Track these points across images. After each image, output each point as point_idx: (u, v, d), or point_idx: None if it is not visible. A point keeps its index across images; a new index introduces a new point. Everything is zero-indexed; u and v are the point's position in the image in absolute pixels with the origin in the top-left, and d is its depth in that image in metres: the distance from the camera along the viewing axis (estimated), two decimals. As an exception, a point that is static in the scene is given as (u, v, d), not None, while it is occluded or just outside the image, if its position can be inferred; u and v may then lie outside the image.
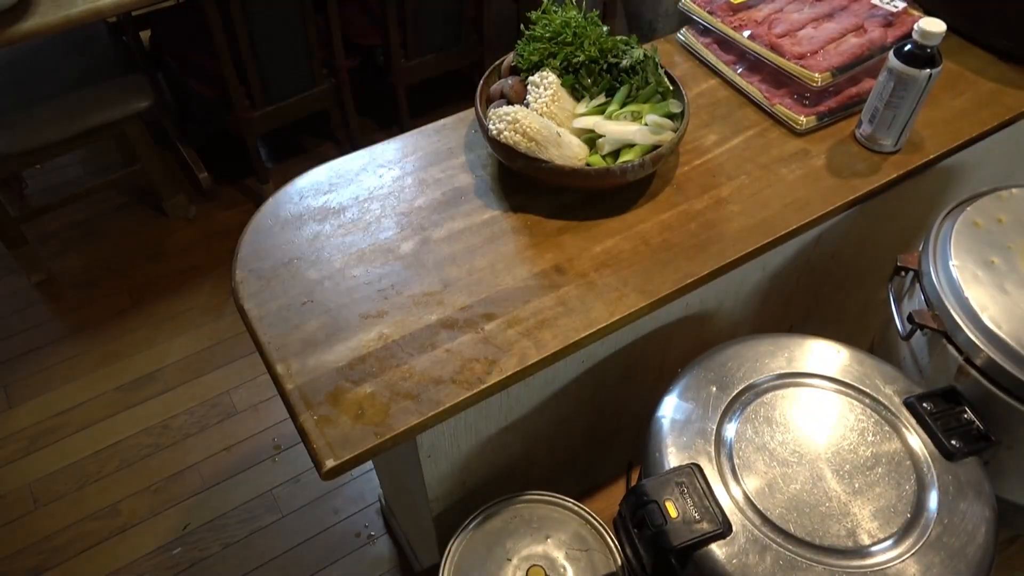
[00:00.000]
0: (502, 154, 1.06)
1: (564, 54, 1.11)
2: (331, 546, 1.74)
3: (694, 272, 1.01)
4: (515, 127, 1.01)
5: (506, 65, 1.18)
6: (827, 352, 0.96)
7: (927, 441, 0.88)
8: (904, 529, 0.80)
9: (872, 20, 1.25)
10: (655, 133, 1.06)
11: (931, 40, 1.05)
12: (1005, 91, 1.28)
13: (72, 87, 2.02)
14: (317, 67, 2.18)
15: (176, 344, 2.08)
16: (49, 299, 2.20)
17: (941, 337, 0.98)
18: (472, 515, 1.08)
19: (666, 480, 0.83)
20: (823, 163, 1.16)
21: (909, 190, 1.24)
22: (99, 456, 1.87)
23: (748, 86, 1.25)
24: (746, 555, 0.78)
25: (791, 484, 0.83)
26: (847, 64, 1.18)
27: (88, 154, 2.60)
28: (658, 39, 1.37)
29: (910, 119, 1.13)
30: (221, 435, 1.91)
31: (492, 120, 1.03)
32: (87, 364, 2.04)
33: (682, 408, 0.91)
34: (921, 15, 1.23)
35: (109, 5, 1.67)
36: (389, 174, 1.13)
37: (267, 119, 2.21)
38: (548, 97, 1.07)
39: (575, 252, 1.03)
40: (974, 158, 1.32)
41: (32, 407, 1.96)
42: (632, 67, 1.12)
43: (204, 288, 2.21)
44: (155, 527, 1.76)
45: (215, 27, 1.91)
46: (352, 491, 1.82)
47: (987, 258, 1.00)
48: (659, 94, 1.12)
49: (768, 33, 1.24)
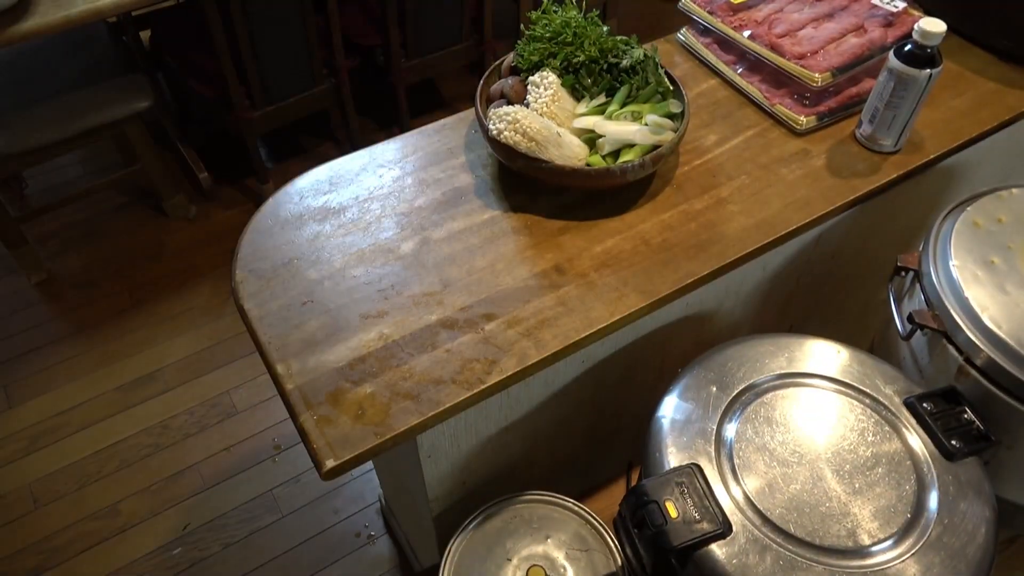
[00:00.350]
0: (502, 154, 1.06)
1: (564, 54, 1.11)
2: (331, 546, 1.74)
3: (694, 272, 1.01)
4: (515, 127, 1.01)
5: (506, 65, 1.18)
6: (827, 352, 0.96)
7: (927, 441, 0.88)
8: (904, 529, 0.80)
9: (872, 20, 1.25)
10: (655, 133, 1.06)
11: (931, 40, 1.05)
12: (1005, 91, 1.28)
13: (72, 87, 2.02)
14: (317, 67, 2.18)
15: (176, 344, 2.08)
16: (49, 299, 2.20)
17: (941, 337, 0.98)
18: (472, 515, 1.08)
19: (666, 480, 0.83)
20: (823, 163, 1.16)
21: (909, 190, 1.24)
22: (99, 456, 1.87)
23: (748, 86, 1.25)
24: (746, 555, 0.78)
25: (791, 484, 0.83)
26: (847, 64, 1.18)
27: (88, 154, 2.60)
28: (658, 39, 1.37)
29: (910, 119, 1.13)
30: (221, 435, 1.91)
31: (492, 120, 1.03)
32: (87, 364, 2.04)
33: (682, 408, 0.91)
34: (921, 15, 1.23)
35: (109, 5, 1.67)
36: (389, 174, 1.13)
37: (267, 119, 2.21)
38: (548, 97, 1.07)
39: (575, 252, 1.03)
40: (974, 158, 1.32)
41: (32, 407, 1.96)
42: (632, 67, 1.12)
43: (204, 288, 2.21)
44: (155, 527, 1.76)
45: (215, 27, 1.91)
46: (352, 491, 1.82)
47: (987, 258, 1.00)
48: (659, 94, 1.12)
49: (768, 33, 1.23)
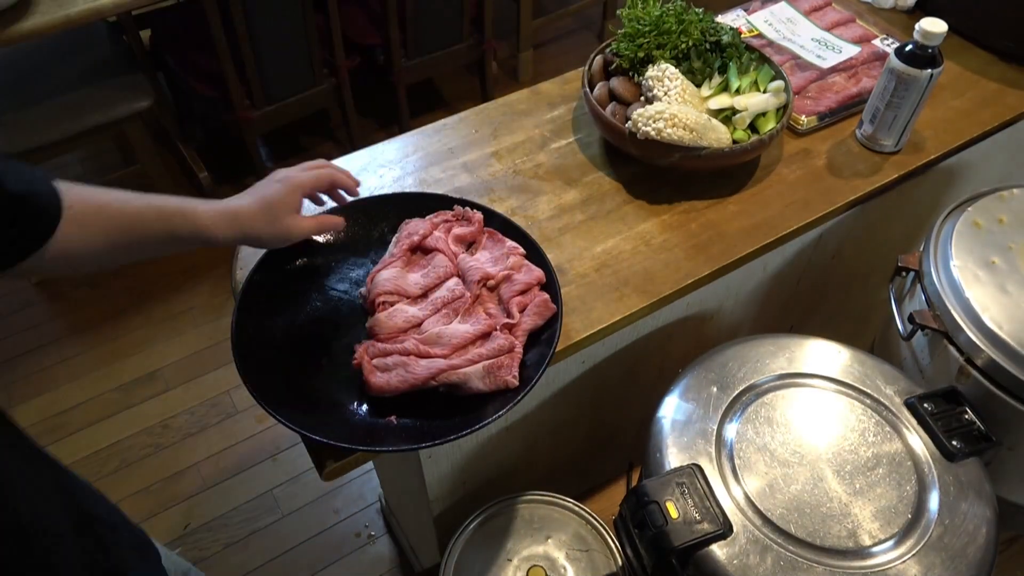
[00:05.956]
0: (657, 153, 1.05)
1: (672, 42, 1.13)
2: (331, 546, 1.74)
3: (695, 272, 1.01)
4: (674, 122, 1.01)
5: (596, 69, 1.18)
6: (828, 352, 0.96)
7: (928, 442, 0.88)
8: (905, 530, 0.80)
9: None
10: (777, 97, 1.11)
11: (932, 40, 1.04)
12: (1006, 91, 1.28)
13: (72, 87, 2.02)
14: (317, 66, 2.18)
15: (176, 344, 2.08)
16: (49, 299, 2.19)
17: (942, 337, 0.98)
18: (473, 515, 1.08)
19: (667, 480, 0.83)
20: (824, 163, 1.16)
21: (910, 190, 1.24)
22: (99, 456, 1.87)
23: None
24: (747, 556, 0.78)
25: (792, 485, 0.83)
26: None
27: (88, 154, 2.60)
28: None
29: (911, 119, 1.13)
30: (221, 435, 1.91)
31: (642, 122, 1.03)
32: (87, 364, 2.04)
33: (683, 408, 0.90)
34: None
35: (109, 5, 1.67)
36: (390, 174, 1.12)
37: (267, 119, 2.21)
38: (679, 87, 1.08)
39: (575, 252, 1.03)
40: (975, 158, 1.32)
41: (32, 407, 1.96)
42: (730, 43, 1.16)
43: (204, 288, 2.21)
44: (155, 527, 1.76)
45: (215, 26, 1.91)
46: (352, 491, 1.82)
47: (988, 258, 1.00)
48: (753, 62, 1.16)
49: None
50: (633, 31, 1.15)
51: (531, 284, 0.90)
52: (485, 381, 0.82)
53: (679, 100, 1.07)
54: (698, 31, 1.14)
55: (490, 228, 0.97)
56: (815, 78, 1.25)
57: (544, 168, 1.14)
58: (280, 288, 0.91)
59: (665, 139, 1.01)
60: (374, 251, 0.97)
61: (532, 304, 0.88)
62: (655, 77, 1.09)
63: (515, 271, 0.90)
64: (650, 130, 1.02)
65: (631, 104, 1.12)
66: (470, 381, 0.82)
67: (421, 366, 0.82)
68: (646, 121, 1.02)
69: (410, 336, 0.86)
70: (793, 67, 1.26)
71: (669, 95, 1.07)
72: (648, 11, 1.15)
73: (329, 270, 0.95)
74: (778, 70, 1.14)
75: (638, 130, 1.03)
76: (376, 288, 0.90)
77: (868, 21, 1.38)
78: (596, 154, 1.17)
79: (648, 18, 1.14)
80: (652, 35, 1.13)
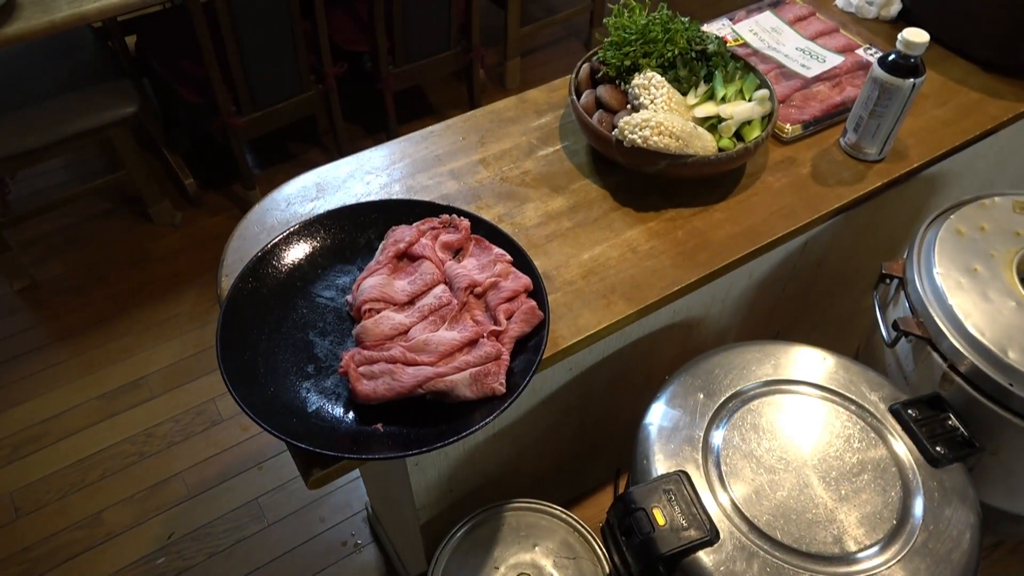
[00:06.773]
0: (642, 161, 1.05)
1: (658, 51, 1.14)
2: (317, 555, 1.72)
3: (681, 279, 1.01)
4: (660, 130, 1.02)
5: (583, 77, 1.19)
6: (813, 359, 0.97)
7: (912, 448, 0.88)
8: (890, 535, 0.81)
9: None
10: (762, 105, 1.11)
11: (915, 50, 1.06)
12: (988, 101, 1.29)
13: (57, 92, 2.00)
14: (304, 73, 2.18)
15: (161, 351, 2.07)
16: (32, 306, 2.17)
17: (925, 344, 0.99)
18: (459, 523, 1.08)
19: (654, 487, 0.83)
20: (809, 171, 1.17)
21: (893, 198, 1.25)
22: (82, 465, 1.85)
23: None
24: (733, 562, 0.78)
25: (778, 491, 0.83)
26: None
27: (73, 159, 2.58)
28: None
29: (894, 128, 1.14)
30: (206, 443, 1.90)
31: (628, 130, 1.03)
32: (70, 371, 2.02)
33: (670, 415, 0.91)
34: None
35: (94, 10, 1.66)
36: (377, 181, 1.12)
37: (254, 125, 2.20)
38: (665, 95, 1.09)
39: (562, 259, 1.03)
40: (957, 167, 1.34)
41: (14, 415, 1.93)
42: (715, 51, 1.17)
43: (189, 295, 2.20)
44: (139, 536, 1.74)
45: (201, 32, 1.91)
46: (338, 499, 1.81)
47: (970, 266, 1.01)
48: (738, 70, 1.17)
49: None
50: (620, 39, 1.16)
51: (518, 291, 0.90)
52: (472, 388, 0.82)
53: (665, 108, 1.07)
54: (684, 40, 1.15)
55: (477, 235, 0.97)
56: (800, 87, 1.26)
57: (531, 175, 1.15)
58: (266, 295, 0.91)
59: (651, 147, 1.02)
60: (361, 258, 0.97)
61: (519, 311, 0.88)
62: (641, 85, 1.10)
63: (502, 278, 0.90)
64: (636, 138, 1.02)
65: (618, 112, 1.12)
66: (457, 389, 0.82)
67: (408, 374, 0.82)
68: (632, 129, 1.03)
69: (396, 343, 0.86)
70: (778, 76, 1.28)
71: (655, 103, 1.08)
72: (634, 20, 1.16)
73: (315, 277, 0.95)
74: (763, 79, 1.15)
75: (625, 138, 1.03)
76: (362, 295, 0.90)
77: (852, 31, 1.39)
78: (583, 162, 1.17)
79: (634, 27, 1.15)
80: (638, 44, 1.14)
